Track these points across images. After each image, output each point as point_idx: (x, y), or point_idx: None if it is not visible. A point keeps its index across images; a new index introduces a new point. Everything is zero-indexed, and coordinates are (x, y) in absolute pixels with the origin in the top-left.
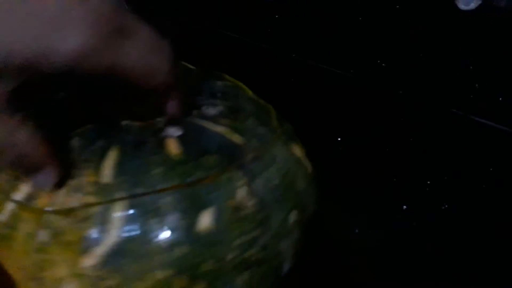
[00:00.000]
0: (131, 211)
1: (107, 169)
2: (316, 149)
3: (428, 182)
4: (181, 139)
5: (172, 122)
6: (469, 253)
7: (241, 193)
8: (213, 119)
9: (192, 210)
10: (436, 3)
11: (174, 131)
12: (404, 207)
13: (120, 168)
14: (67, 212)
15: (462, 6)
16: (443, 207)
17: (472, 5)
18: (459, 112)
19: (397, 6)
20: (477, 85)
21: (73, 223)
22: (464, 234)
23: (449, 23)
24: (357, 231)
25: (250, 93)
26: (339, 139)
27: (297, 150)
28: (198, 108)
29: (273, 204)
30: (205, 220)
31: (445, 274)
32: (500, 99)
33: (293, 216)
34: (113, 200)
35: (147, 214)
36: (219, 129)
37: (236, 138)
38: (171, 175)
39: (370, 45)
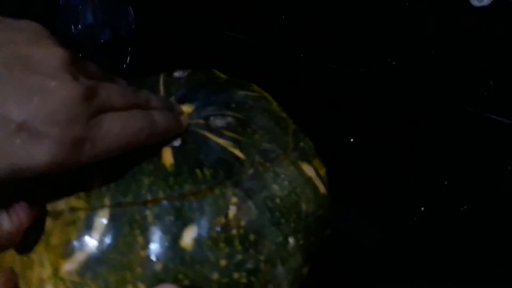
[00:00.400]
0: (115, 220)
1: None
2: (329, 150)
3: (446, 183)
4: (179, 149)
5: None
6: (488, 255)
7: (233, 211)
8: (218, 130)
9: (177, 225)
10: (450, 1)
11: (174, 140)
12: (422, 208)
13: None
14: (56, 215)
15: (475, 3)
16: (462, 209)
17: (486, 2)
18: (474, 110)
19: (407, 4)
20: (491, 82)
21: (59, 226)
22: (483, 235)
23: (462, 20)
24: (373, 234)
25: (274, 105)
26: (351, 140)
27: (310, 170)
28: (207, 118)
29: (269, 226)
30: (189, 236)
31: (464, 275)
32: None
33: (293, 241)
34: (99, 207)
35: (132, 224)
36: (221, 141)
37: (237, 152)
38: (161, 186)
39: (380, 44)
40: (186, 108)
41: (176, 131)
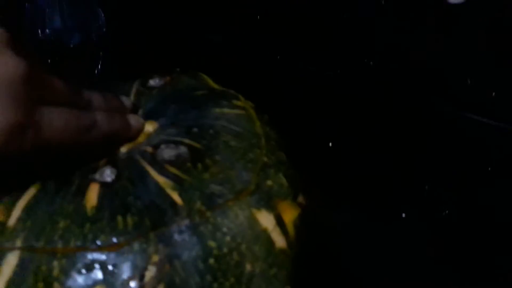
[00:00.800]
0: (23, 267)
1: (17, 211)
2: (308, 154)
3: (426, 187)
4: (107, 187)
5: (115, 160)
6: (470, 259)
7: (150, 273)
8: (162, 164)
9: (84, 283)
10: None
11: (108, 174)
12: (403, 215)
13: (30, 212)
14: None
15: (451, 0)
16: (443, 214)
17: None
18: (453, 110)
19: (383, 2)
20: (469, 80)
21: None
22: (465, 240)
23: (437, 18)
24: (353, 239)
25: (257, 125)
26: (330, 144)
27: (267, 220)
28: (157, 147)
29: None
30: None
31: (446, 279)
32: (493, 94)
33: None
34: (9, 248)
35: (37, 275)
36: (161, 179)
37: (175, 196)
38: (75, 233)
39: (357, 45)
40: (148, 126)
41: (124, 134)
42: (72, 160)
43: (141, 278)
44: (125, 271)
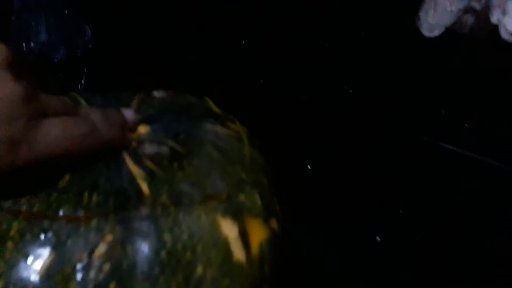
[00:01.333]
0: None
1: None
2: (285, 177)
3: (401, 212)
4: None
5: None
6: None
7: (101, 250)
8: (141, 157)
9: (36, 247)
10: (401, 30)
11: None
12: (378, 238)
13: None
14: None
15: (426, 33)
16: (416, 237)
17: (436, 32)
18: (427, 138)
19: (363, 33)
20: (443, 111)
21: None
22: (437, 264)
23: (414, 50)
24: (328, 264)
25: (245, 148)
26: (308, 167)
27: (231, 229)
28: (141, 142)
29: (141, 281)
30: (42, 263)
31: None
32: (466, 125)
33: None
34: None
35: None
36: (135, 169)
37: (144, 186)
38: (41, 199)
39: (336, 71)
40: (141, 129)
41: (121, 143)
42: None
43: (90, 253)
44: (77, 244)
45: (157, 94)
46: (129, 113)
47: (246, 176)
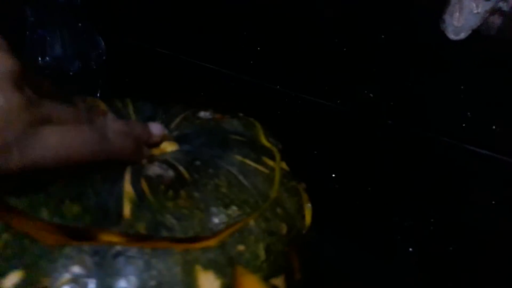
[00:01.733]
0: None
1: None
2: (312, 186)
3: (432, 220)
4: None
5: None
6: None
7: (65, 279)
8: (141, 177)
9: (10, 261)
10: (426, 34)
11: None
12: (410, 249)
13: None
14: None
15: (452, 36)
16: (450, 248)
17: (462, 35)
18: (451, 141)
19: (383, 36)
20: (469, 113)
21: None
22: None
23: (439, 52)
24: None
25: (274, 188)
26: (333, 175)
27: (211, 284)
28: (152, 161)
29: None
30: (11, 282)
31: None
32: (493, 127)
33: None
34: None
35: None
36: (128, 188)
37: (127, 209)
38: (28, 197)
39: (357, 76)
40: (169, 146)
41: (133, 155)
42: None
43: (55, 280)
44: (47, 268)
45: (203, 114)
46: (156, 127)
47: (254, 224)
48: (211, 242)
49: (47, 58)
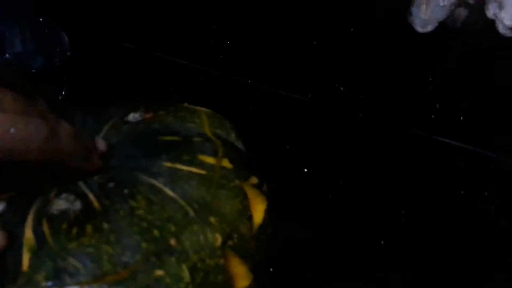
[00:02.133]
0: None
1: None
2: (278, 177)
3: (403, 212)
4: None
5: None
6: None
7: None
8: (42, 216)
9: None
10: (393, 27)
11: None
12: (382, 242)
13: None
14: None
15: (419, 28)
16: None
17: (429, 28)
18: (421, 132)
19: (352, 29)
20: (437, 105)
21: None
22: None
23: (405, 45)
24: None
25: (211, 191)
26: (305, 170)
27: None
28: (59, 194)
29: None
30: None
31: None
32: (461, 118)
33: None
34: None
35: None
36: (29, 234)
37: (25, 259)
38: None
39: (328, 69)
40: None
41: (82, 165)
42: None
43: None
44: None
45: (131, 117)
46: (101, 143)
47: (176, 242)
48: (121, 275)
49: (7, 55)
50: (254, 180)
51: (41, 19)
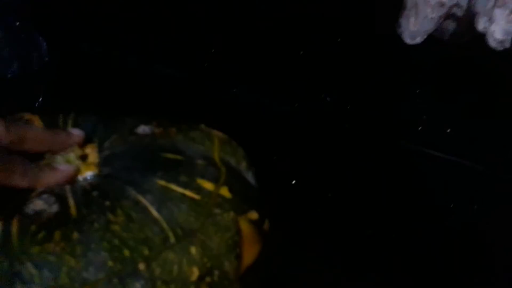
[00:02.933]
0: None
1: None
2: (264, 189)
3: (392, 225)
4: None
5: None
6: None
7: None
8: (18, 213)
9: None
10: (381, 38)
11: None
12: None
13: None
14: None
15: (408, 40)
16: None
17: (418, 40)
18: (408, 144)
19: (339, 40)
20: (424, 116)
21: None
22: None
23: (392, 56)
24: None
25: (200, 220)
26: (293, 181)
27: None
28: (42, 193)
29: None
30: None
31: None
32: (448, 130)
33: None
34: None
35: None
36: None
37: None
38: None
39: (315, 79)
40: (88, 170)
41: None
42: None
43: None
44: None
45: (142, 130)
46: (76, 132)
47: (146, 268)
48: None
49: None
50: (253, 215)
51: (17, 23)
